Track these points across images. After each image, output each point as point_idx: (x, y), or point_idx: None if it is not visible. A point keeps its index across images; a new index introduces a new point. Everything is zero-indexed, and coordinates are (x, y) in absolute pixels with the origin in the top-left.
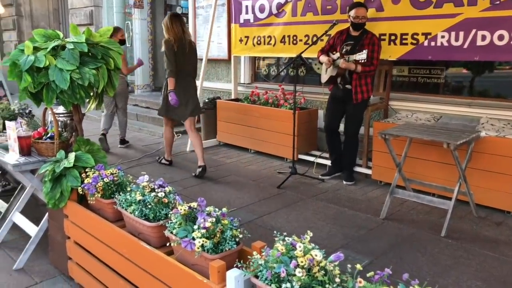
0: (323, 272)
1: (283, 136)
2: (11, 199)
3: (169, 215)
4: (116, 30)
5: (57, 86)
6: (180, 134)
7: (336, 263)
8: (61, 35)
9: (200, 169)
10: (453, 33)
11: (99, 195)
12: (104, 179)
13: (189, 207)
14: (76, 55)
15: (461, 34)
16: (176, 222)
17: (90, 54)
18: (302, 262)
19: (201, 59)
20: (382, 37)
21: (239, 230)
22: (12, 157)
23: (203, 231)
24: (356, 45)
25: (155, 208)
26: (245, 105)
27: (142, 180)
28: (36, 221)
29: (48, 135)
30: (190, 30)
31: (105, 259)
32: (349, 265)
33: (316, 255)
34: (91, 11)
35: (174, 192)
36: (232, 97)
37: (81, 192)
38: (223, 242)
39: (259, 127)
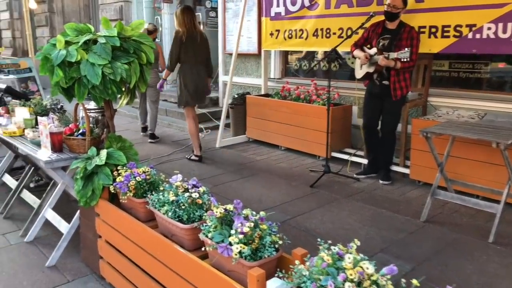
0: (374, 286)
1: (315, 133)
2: (44, 195)
3: (204, 217)
4: (152, 31)
5: (89, 81)
6: (209, 130)
7: (389, 276)
8: (93, 29)
9: (196, 158)
10: (500, 25)
11: (131, 194)
12: (137, 178)
13: (225, 209)
14: (108, 49)
15: (510, 25)
16: (211, 225)
17: (122, 48)
18: (351, 275)
19: (231, 54)
20: (422, 29)
21: (278, 235)
22: (44, 154)
23: (241, 236)
24: (393, 39)
25: (189, 209)
26: (276, 101)
27: (175, 180)
28: (67, 217)
29: (80, 131)
30: (220, 24)
31: (137, 260)
32: (403, 280)
33: (367, 268)
34: (121, 6)
35: (208, 192)
36: (262, 92)
37: (112, 191)
38: (262, 248)
39: (290, 123)
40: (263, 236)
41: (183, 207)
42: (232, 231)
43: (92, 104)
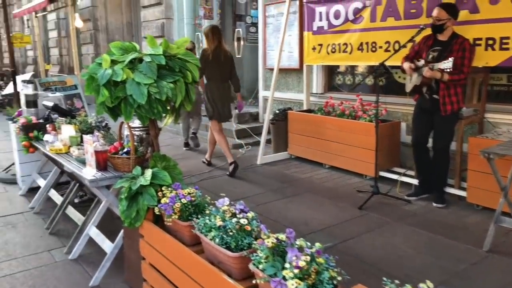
0: None
1: (361, 150)
2: (88, 213)
3: (253, 246)
4: (191, 49)
5: (135, 100)
6: (250, 146)
7: None
8: (138, 47)
9: (232, 166)
10: None
11: (176, 217)
12: (182, 200)
13: (277, 239)
14: (153, 68)
15: None
16: (262, 256)
17: (167, 67)
18: None
19: (271, 69)
20: (477, 41)
21: (336, 270)
22: (89, 172)
23: (296, 271)
24: (444, 51)
25: (237, 236)
26: (319, 117)
27: (222, 203)
28: (111, 234)
29: (124, 150)
30: (260, 39)
31: (182, 286)
32: None
33: None
34: (163, 23)
35: (256, 218)
36: (304, 108)
37: (157, 212)
38: (319, 284)
39: (334, 140)
40: (320, 271)
41: (230, 233)
42: (287, 265)
43: (136, 123)
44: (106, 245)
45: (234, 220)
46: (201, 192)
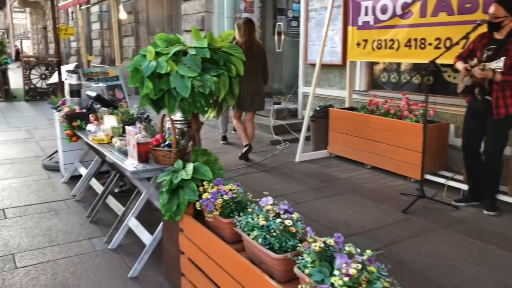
0: None
1: (406, 152)
2: (128, 203)
3: (298, 248)
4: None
5: (178, 93)
6: (288, 143)
7: None
8: (182, 40)
9: (246, 148)
10: None
11: (217, 213)
12: (224, 196)
13: (325, 243)
14: (198, 61)
15: None
16: (308, 260)
17: (211, 60)
18: None
19: (312, 64)
20: None
21: (389, 280)
22: (131, 164)
23: (346, 279)
24: (499, 49)
25: (280, 237)
26: (363, 115)
27: (265, 202)
28: (149, 225)
29: (166, 142)
30: (301, 34)
31: (221, 283)
32: None
33: None
34: (203, 16)
35: (301, 219)
36: (346, 105)
37: (198, 207)
38: None
39: (378, 140)
40: (371, 280)
41: (274, 234)
42: (336, 272)
43: (178, 116)
44: (145, 237)
45: (278, 220)
46: (243, 189)
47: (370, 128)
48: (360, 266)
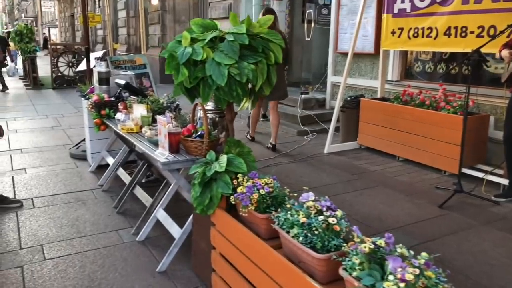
0: None
1: (442, 144)
2: (156, 195)
3: (342, 248)
4: None
5: (214, 81)
6: (315, 134)
7: None
8: (219, 25)
9: (271, 146)
10: None
11: (253, 208)
12: (260, 191)
13: (374, 244)
14: (236, 48)
15: None
16: (356, 262)
17: (249, 46)
18: None
19: (343, 53)
20: None
21: (447, 286)
22: (162, 154)
23: (402, 285)
24: None
25: (323, 236)
26: (396, 106)
27: (306, 198)
28: (176, 217)
29: (198, 133)
30: (332, 22)
31: (255, 281)
32: None
33: None
34: (230, 4)
35: (345, 217)
36: (378, 95)
37: (232, 202)
38: None
39: (411, 132)
40: (428, 286)
41: (316, 232)
42: (390, 277)
43: (209, 105)
44: (174, 229)
45: (321, 218)
46: (279, 183)
47: (404, 120)
48: (417, 271)
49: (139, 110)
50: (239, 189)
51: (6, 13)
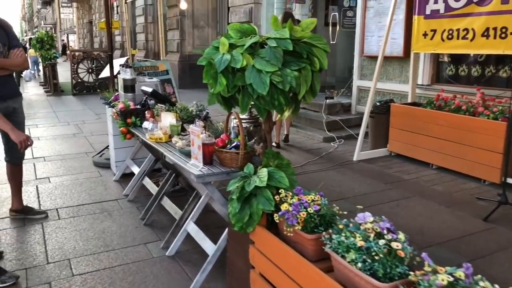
0: None
1: (480, 152)
2: (185, 206)
3: (409, 277)
4: None
5: (254, 90)
6: (342, 140)
7: None
8: (257, 30)
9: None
10: None
11: (300, 227)
12: (308, 209)
13: (452, 276)
14: (279, 54)
15: None
16: None
17: (291, 52)
18: None
19: (370, 57)
20: None
21: None
22: (195, 166)
23: None
24: None
25: (385, 262)
26: (429, 111)
27: (363, 219)
28: (205, 229)
29: (234, 144)
30: (358, 24)
31: None
32: None
33: None
34: (251, 8)
35: (406, 241)
36: (409, 100)
37: (276, 220)
38: None
39: (446, 138)
40: None
41: (376, 257)
42: None
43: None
44: (207, 245)
45: (382, 242)
46: (327, 199)
47: (438, 126)
48: None
49: (168, 119)
50: (283, 207)
51: (26, 21)
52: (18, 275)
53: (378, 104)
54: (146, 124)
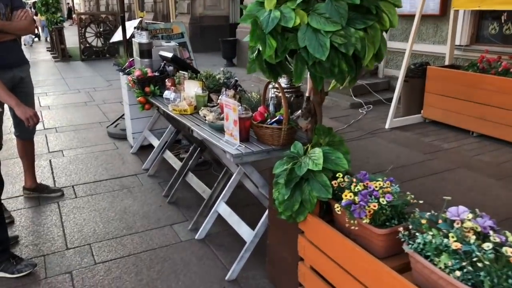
0: None
1: None
2: (215, 185)
3: None
4: None
5: (309, 55)
6: (371, 106)
7: None
8: None
9: None
10: None
11: (368, 220)
12: (380, 200)
13: None
14: (343, 9)
15: None
16: None
17: (356, 7)
18: None
19: (400, 15)
20: None
21: None
22: (232, 144)
23: None
24: None
25: (492, 272)
26: (472, 75)
27: (455, 214)
28: (235, 208)
29: (276, 118)
30: None
31: None
32: None
33: None
34: None
35: None
36: (446, 62)
37: (338, 211)
38: None
39: (491, 104)
40: None
41: (480, 264)
42: None
43: (282, 82)
44: (244, 230)
45: (488, 245)
46: (399, 185)
47: (481, 90)
48: None
49: (192, 88)
50: (346, 196)
51: None
52: (35, 263)
53: (412, 67)
54: (167, 94)
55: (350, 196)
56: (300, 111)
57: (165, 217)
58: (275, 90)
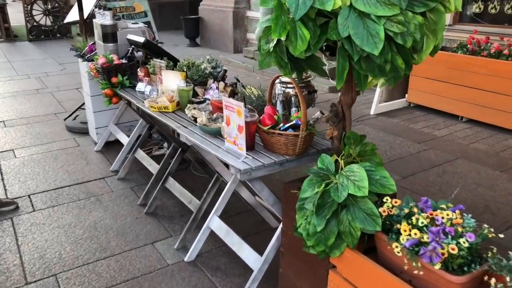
0: None
1: None
2: (204, 195)
3: None
4: None
5: (355, 48)
6: None
7: None
8: None
9: None
10: None
11: (439, 266)
12: (461, 240)
13: None
14: None
15: None
16: None
17: None
18: None
19: None
20: None
21: None
22: (236, 155)
23: None
24: None
25: None
26: (462, 57)
27: None
28: (222, 216)
29: (293, 122)
30: None
31: None
32: None
33: None
34: None
35: None
36: None
37: (397, 252)
38: None
39: (481, 88)
40: None
41: None
42: None
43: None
44: (247, 254)
45: None
46: (470, 216)
47: (472, 73)
48: None
49: (171, 80)
50: (404, 231)
51: None
52: None
53: None
54: (140, 86)
55: (415, 234)
56: (318, 112)
57: (145, 233)
58: (281, 85)
